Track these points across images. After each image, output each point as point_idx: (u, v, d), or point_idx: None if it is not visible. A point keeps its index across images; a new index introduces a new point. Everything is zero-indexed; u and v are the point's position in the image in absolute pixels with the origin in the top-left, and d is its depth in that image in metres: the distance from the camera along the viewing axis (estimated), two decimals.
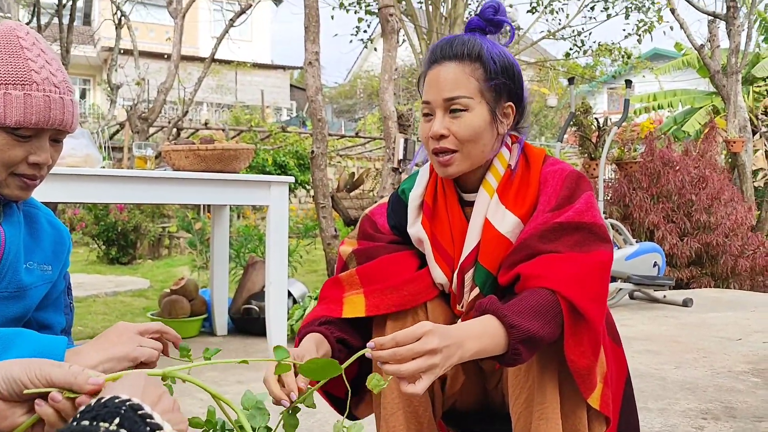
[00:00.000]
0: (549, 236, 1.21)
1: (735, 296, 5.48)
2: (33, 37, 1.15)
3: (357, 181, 9.61)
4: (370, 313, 1.28)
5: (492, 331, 1.09)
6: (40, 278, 1.23)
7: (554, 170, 1.29)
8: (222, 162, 3.07)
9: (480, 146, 1.28)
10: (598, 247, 1.22)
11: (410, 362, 1.00)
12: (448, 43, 1.30)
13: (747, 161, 7.99)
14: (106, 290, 6.12)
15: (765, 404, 2.44)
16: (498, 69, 1.27)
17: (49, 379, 0.82)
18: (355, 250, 1.38)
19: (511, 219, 1.27)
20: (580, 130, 6.62)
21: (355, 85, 27.02)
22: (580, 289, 1.15)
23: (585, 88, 17.27)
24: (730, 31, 8.00)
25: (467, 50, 1.27)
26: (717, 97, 11.23)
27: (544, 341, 1.12)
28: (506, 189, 1.30)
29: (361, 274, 1.32)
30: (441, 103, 1.27)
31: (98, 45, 20.62)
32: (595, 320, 1.15)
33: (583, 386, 1.16)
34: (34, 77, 1.11)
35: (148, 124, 10.00)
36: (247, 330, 3.76)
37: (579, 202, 1.24)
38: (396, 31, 4.85)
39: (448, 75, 1.26)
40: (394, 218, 1.40)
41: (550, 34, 11.43)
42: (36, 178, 1.17)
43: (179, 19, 9.54)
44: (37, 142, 1.14)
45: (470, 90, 1.26)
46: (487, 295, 1.27)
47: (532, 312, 1.11)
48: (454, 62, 1.27)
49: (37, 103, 1.11)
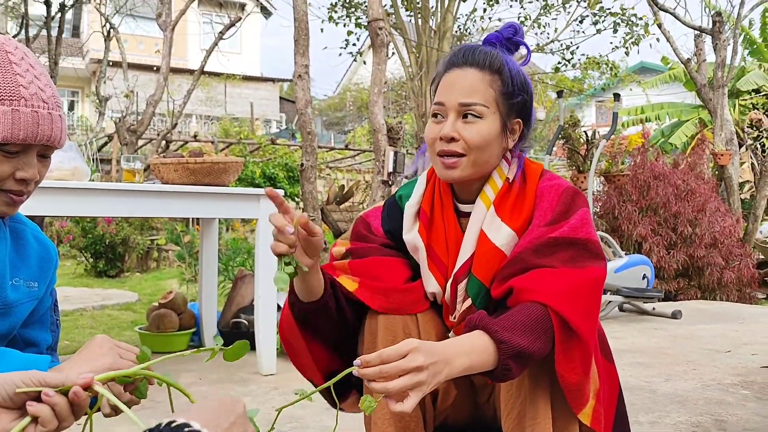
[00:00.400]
0: (543, 251, 1.21)
1: (723, 308, 5.50)
2: (22, 51, 1.13)
3: (347, 193, 9.61)
4: (359, 294, 1.28)
5: (481, 347, 1.08)
6: (27, 295, 1.22)
7: (551, 185, 1.30)
8: (211, 175, 3.06)
9: (486, 155, 1.28)
10: (592, 263, 1.21)
11: (397, 379, 1.00)
12: (471, 49, 1.30)
13: (734, 174, 8.06)
14: (94, 303, 6.07)
15: (755, 417, 2.45)
16: (516, 85, 1.29)
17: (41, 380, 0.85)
18: (349, 249, 1.38)
19: (506, 232, 1.27)
20: (568, 143, 6.66)
21: (344, 98, 27.08)
22: (572, 304, 1.14)
23: (573, 101, 17.41)
24: (716, 45, 8.08)
25: (490, 60, 1.28)
26: (703, 110, 11.34)
27: (535, 356, 1.12)
28: (503, 202, 1.30)
29: (353, 267, 1.33)
30: (455, 107, 1.27)
31: (87, 57, 20.57)
32: (586, 336, 1.14)
33: (573, 402, 1.16)
34: (22, 92, 1.10)
35: (136, 136, 9.96)
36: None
37: (574, 218, 1.24)
38: (385, 44, 4.87)
39: (467, 80, 1.27)
40: (389, 223, 1.40)
41: (538, 47, 11.51)
42: (23, 194, 1.15)
43: (168, 32, 9.54)
44: (24, 157, 1.13)
45: (487, 99, 1.26)
46: (480, 307, 1.27)
47: (523, 327, 1.11)
48: (475, 69, 1.27)
49: (25, 118, 1.09)
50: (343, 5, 10.54)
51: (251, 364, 3.28)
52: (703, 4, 9.12)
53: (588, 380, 1.17)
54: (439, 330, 1.34)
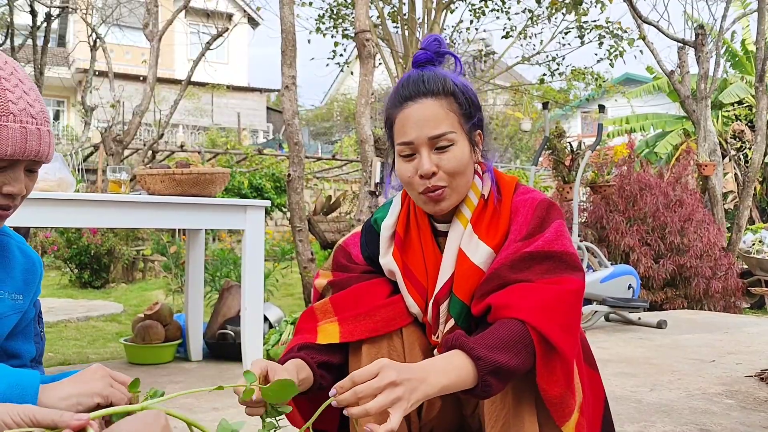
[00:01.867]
0: (519, 266, 1.21)
1: (708, 318, 5.54)
2: (12, 66, 1.13)
3: (334, 204, 9.61)
4: (344, 339, 1.27)
5: (458, 364, 1.09)
6: (11, 308, 1.21)
7: (525, 199, 1.30)
8: (198, 186, 3.05)
9: (466, 177, 1.28)
10: (569, 275, 1.22)
11: (374, 399, 1.00)
12: (418, 79, 1.28)
13: (717, 184, 8.15)
14: (78, 315, 6.01)
15: (739, 426, 2.46)
16: (468, 99, 1.29)
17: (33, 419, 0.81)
18: (330, 281, 1.37)
19: (484, 250, 1.27)
20: (554, 153, 6.71)
21: (332, 108, 27.13)
22: (550, 318, 1.15)
23: (559, 112, 17.54)
24: (699, 57, 8.18)
25: (441, 85, 1.27)
26: (687, 121, 11.46)
27: (515, 372, 1.12)
28: (480, 220, 1.30)
29: (335, 302, 1.32)
30: (425, 142, 1.25)
31: (73, 66, 20.47)
32: (565, 349, 1.15)
33: (556, 414, 1.16)
34: (11, 108, 1.09)
35: (122, 146, 9.91)
36: (222, 355, 3.71)
37: (549, 231, 1.25)
38: (372, 55, 4.89)
39: (428, 111, 1.25)
40: (367, 249, 1.39)
41: (524, 59, 11.60)
42: (9, 208, 1.15)
43: (155, 42, 9.52)
44: (11, 172, 1.12)
45: (452, 124, 1.26)
46: (463, 326, 1.27)
47: (501, 343, 1.11)
48: (430, 98, 1.26)
49: (13, 134, 1.09)
50: (330, 17, 10.58)
51: (238, 375, 3.26)
52: (686, 17, 9.24)
53: (571, 393, 1.17)
54: (424, 344, 1.34)
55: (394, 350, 1.30)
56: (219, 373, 3.39)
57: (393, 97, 1.31)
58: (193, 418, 0.98)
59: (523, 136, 21.03)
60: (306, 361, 1.23)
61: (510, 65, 12.29)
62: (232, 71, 23.57)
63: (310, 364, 1.23)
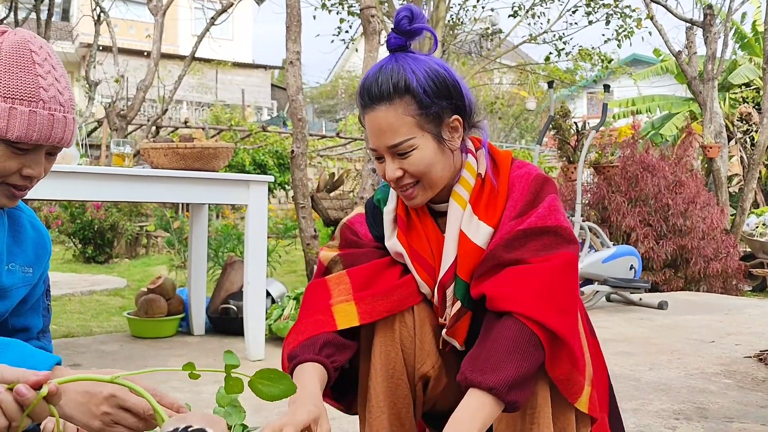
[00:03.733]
0: (514, 244, 1.21)
1: (708, 299, 5.56)
2: (46, 51, 1.14)
3: (337, 181, 9.60)
4: (363, 321, 1.27)
5: (478, 406, 1.11)
6: (21, 280, 1.23)
7: (520, 174, 1.30)
8: (201, 160, 3.06)
9: (437, 172, 1.27)
10: (564, 248, 1.22)
11: None
12: (372, 83, 1.24)
13: (722, 167, 8.12)
14: (82, 289, 6.06)
15: (736, 405, 2.49)
16: (430, 93, 1.23)
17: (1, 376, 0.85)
18: (341, 254, 1.36)
19: (485, 230, 1.27)
20: (559, 133, 6.68)
21: (336, 86, 27.00)
22: (547, 304, 1.15)
23: (565, 93, 17.43)
24: (707, 38, 8.11)
25: (393, 87, 1.22)
26: (694, 103, 11.39)
27: (531, 373, 1.14)
28: (478, 200, 1.29)
29: (353, 276, 1.31)
30: (386, 150, 1.25)
31: (76, 41, 20.37)
32: (566, 333, 1.16)
33: (566, 392, 1.18)
34: (41, 95, 1.11)
35: (126, 121, 9.91)
36: (225, 330, 3.74)
37: (542, 206, 1.25)
38: (377, 32, 4.86)
39: (383, 121, 1.23)
40: (375, 228, 1.39)
41: (531, 38, 11.50)
42: (25, 189, 1.17)
43: (159, 17, 9.47)
44: (33, 156, 1.14)
45: (409, 130, 1.23)
46: (469, 306, 1.28)
47: (506, 356, 1.12)
48: (384, 105, 1.22)
49: (41, 120, 1.10)
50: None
51: (239, 349, 3.29)
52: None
53: (578, 371, 1.19)
54: (435, 323, 1.34)
55: (404, 327, 1.31)
56: (221, 347, 3.42)
57: (357, 97, 1.29)
58: (196, 390, 1.00)
59: (528, 115, 20.93)
60: (326, 366, 1.22)
61: (516, 44, 12.20)
62: (237, 48, 23.44)
63: (329, 369, 1.23)
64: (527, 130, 21.88)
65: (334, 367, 1.23)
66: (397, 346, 1.29)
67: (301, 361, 1.21)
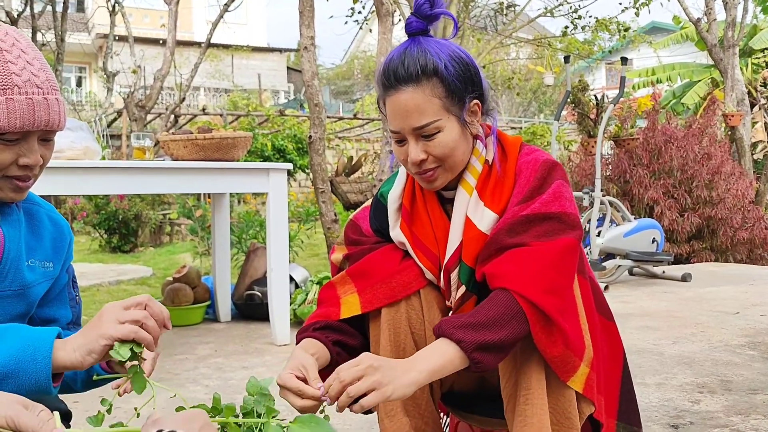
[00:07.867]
0: (516, 229, 1.23)
1: (733, 270, 5.51)
2: (12, 37, 1.12)
3: (356, 164, 9.63)
4: (365, 309, 1.32)
5: (442, 350, 1.14)
6: (42, 275, 1.24)
7: (528, 160, 1.30)
8: (220, 150, 3.09)
9: (459, 155, 1.28)
10: (565, 234, 1.23)
11: (356, 384, 1.07)
12: (399, 65, 1.24)
13: (745, 135, 7.99)
14: (109, 279, 6.16)
15: (760, 377, 2.49)
16: (456, 76, 1.24)
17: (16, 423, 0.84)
18: (346, 255, 1.42)
19: (490, 216, 1.28)
20: (578, 107, 6.62)
21: (352, 66, 26.91)
22: (539, 284, 1.17)
23: (582, 65, 17.19)
24: (727, 3, 7.96)
25: (421, 69, 1.22)
26: (716, 70, 11.17)
27: (506, 343, 1.16)
28: (485, 186, 1.31)
29: (351, 274, 1.36)
30: (411, 132, 1.25)
31: (93, 32, 20.50)
32: (553, 312, 1.17)
33: (559, 370, 1.20)
34: (15, 80, 1.09)
35: (145, 111, 10.00)
36: (250, 315, 3.80)
37: (548, 192, 1.25)
38: (391, 13, 4.84)
39: (410, 102, 1.22)
40: (375, 222, 1.42)
41: (547, 11, 11.36)
42: (29, 179, 1.16)
43: (173, 5, 9.49)
44: (25, 144, 1.13)
45: (437, 112, 1.23)
46: (474, 290, 1.31)
47: (485, 320, 1.15)
48: (411, 86, 1.22)
49: (20, 107, 1.09)
50: None
51: (266, 335, 3.35)
52: None
53: (573, 351, 1.20)
54: (443, 305, 1.37)
55: (412, 309, 1.34)
56: (247, 333, 3.48)
57: (379, 78, 1.29)
58: (224, 377, 1.03)
59: (546, 90, 20.70)
60: (321, 340, 1.28)
61: (532, 18, 12.05)
62: (251, 32, 23.43)
63: (326, 343, 1.28)
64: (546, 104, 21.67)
65: (331, 341, 1.29)
66: (406, 327, 1.33)
67: (298, 342, 1.30)
